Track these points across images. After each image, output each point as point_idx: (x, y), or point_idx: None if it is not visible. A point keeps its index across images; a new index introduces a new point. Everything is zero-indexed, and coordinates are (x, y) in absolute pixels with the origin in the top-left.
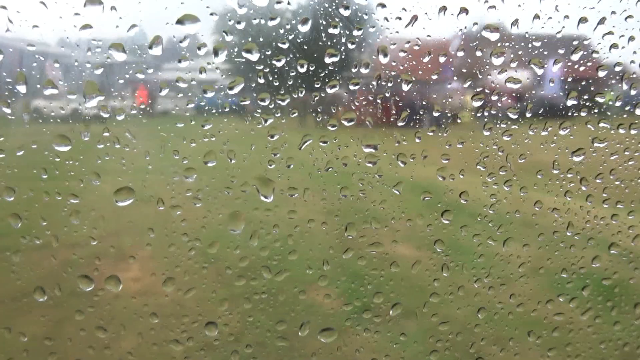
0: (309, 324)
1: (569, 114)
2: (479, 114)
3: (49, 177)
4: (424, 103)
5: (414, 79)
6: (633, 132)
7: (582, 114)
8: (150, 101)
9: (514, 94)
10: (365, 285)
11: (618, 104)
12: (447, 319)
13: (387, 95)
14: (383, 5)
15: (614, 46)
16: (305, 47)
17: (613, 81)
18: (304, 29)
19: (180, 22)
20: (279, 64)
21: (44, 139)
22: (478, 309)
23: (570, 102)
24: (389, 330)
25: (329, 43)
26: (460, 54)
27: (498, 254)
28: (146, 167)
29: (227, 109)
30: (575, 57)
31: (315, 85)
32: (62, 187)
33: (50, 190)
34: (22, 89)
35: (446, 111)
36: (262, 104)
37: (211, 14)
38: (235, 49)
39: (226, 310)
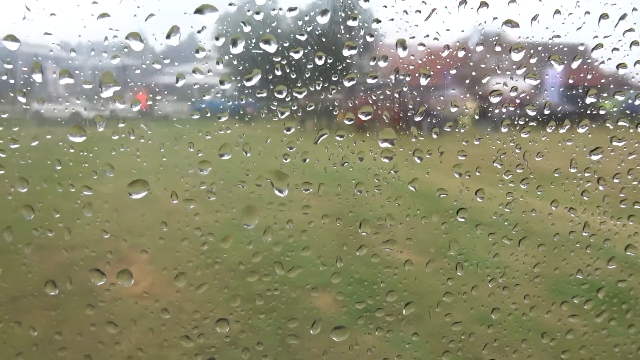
0: (321, 322)
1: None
2: (496, 110)
3: (62, 168)
4: (442, 98)
5: (432, 73)
6: None
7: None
8: (166, 92)
9: (532, 90)
10: (379, 283)
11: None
12: (460, 319)
13: (405, 89)
14: None
15: (634, 43)
16: (324, 40)
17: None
18: (323, 20)
19: (198, 11)
20: (296, 56)
21: (59, 130)
22: (492, 309)
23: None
24: (402, 330)
25: (347, 35)
26: (480, 48)
27: (513, 253)
28: (161, 159)
29: (242, 101)
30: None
31: (333, 78)
32: (75, 178)
33: (63, 182)
34: (37, 77)
35: (464, 107)
36: (279, 96)
37: (230, 4)
38: (253, 40)
39: (238, 306)
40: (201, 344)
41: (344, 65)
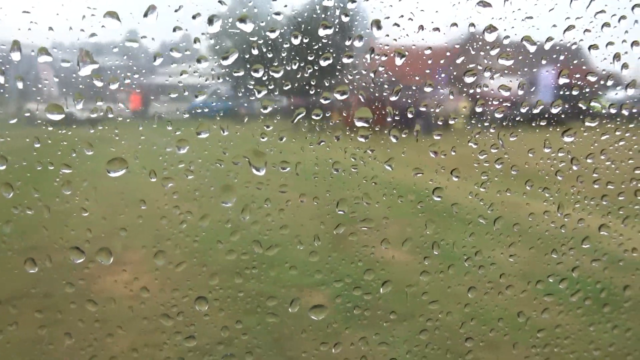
0: (299, 301)
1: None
2: (471, 90)
3: (41, 146)
4: (417, 78)
5: (407, 53)
6: (624, 112)
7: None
8: (143, 70)
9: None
10: (356, 261)
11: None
12: (437, 298)
13: (381, 69)
14: None
15: (606, 25)
16: (300, 19)
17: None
18: (299, 1)
19: None
20: (272, 36)
21: (37, 107)
22: (468, 288)
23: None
24: (379, 308)
25: (323, 15)
26: (453, 28)
27: (488, 232)
28: (139, 137)
29: (220, 80)
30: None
31: (309, 58)
32: (54, 157)
33: (42, 160)
34: (16, 56)
35: (439, 87)
36: (256, 75)
37: None
38: (230, 20)
39: (217, 284)
40: (180, 321)
41: (320, 45)
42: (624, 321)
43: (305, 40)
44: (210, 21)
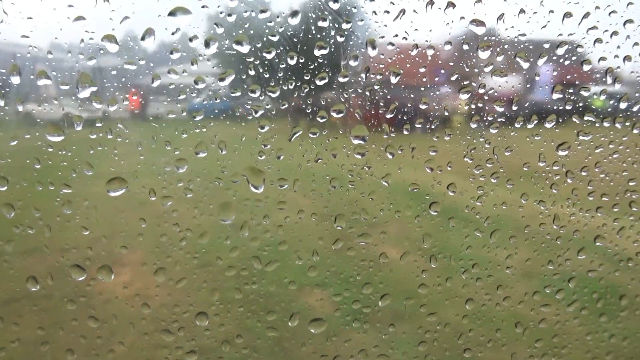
0: (299, 314)
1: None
2: (466, 107)
3: (42, 167)
4: (412, 96)
5: (402, 71)
6: (617, 125)
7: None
8: (142, 92)
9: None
10: (355, 276)
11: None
12: (435, 310)
13: (376, 87)
14: None
15: (598, 40)
16: (295, 40)
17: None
18: (294, 21)
19: (172, 14)
20: (269, 56)
21: (38, 129)
22: (466, 300)
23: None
24: (378, 321)
25: (318, 36)
26: (447, 47)
27: (485, 245)
28: (138, 157)
29: (217, 100)
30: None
31: (305, 77)
32: (55, 177)
33: (43, 180)
34: (15, 80)
35: (434, 104)
36: (253, 95)
37: (203, 7)
38: (227, 41)
39: (217, 300)
40: (181, 337)
41: (316, 64)
42: (620, 330)
43: (301, 61)
44: (207, 44)
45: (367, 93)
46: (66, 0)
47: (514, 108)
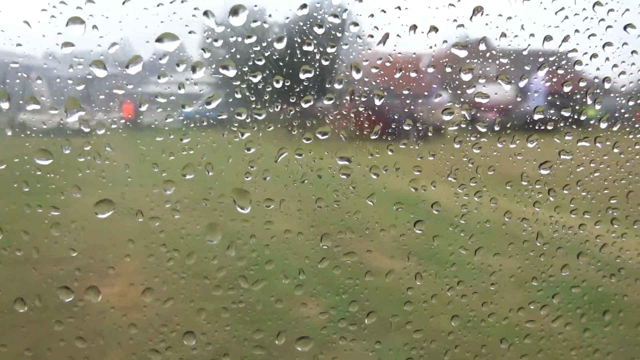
0: (286, 333)
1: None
2: (449, 128)
3: (30, 190)
4: (396, 117)
5: (386, 94)
6: (598, 145)
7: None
8: (130, 116)
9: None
10: (341, 294)
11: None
12: (421, 327)
13: (360, 109)
14: (356, 24)
15: (577, 63)
16: (281, 64)
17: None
18: (280, 46)
19: (159, 40)
20: (255, 80)
21: (26, 153)
22: (451, 317)
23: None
24: (365, 339)
25: (303, 60)
26: (430, 70)
27: (470, 262)
28: (126, 179)
29: (204, 123)
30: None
31: (291, 100)
32: (43, 199)
33: (31, 203)
34: (4, 105)
35: (417, 124)
36: (239, 118)
37: (190, 32)
38: (213, 66)
39: (204, 319)
40: (169, 356)
41: (301, 87)
42: (604, 345)
43: (287, 84)
44: (194, 68)
45: (352, 115)
46: (56, 27)
47: (496, 128)
